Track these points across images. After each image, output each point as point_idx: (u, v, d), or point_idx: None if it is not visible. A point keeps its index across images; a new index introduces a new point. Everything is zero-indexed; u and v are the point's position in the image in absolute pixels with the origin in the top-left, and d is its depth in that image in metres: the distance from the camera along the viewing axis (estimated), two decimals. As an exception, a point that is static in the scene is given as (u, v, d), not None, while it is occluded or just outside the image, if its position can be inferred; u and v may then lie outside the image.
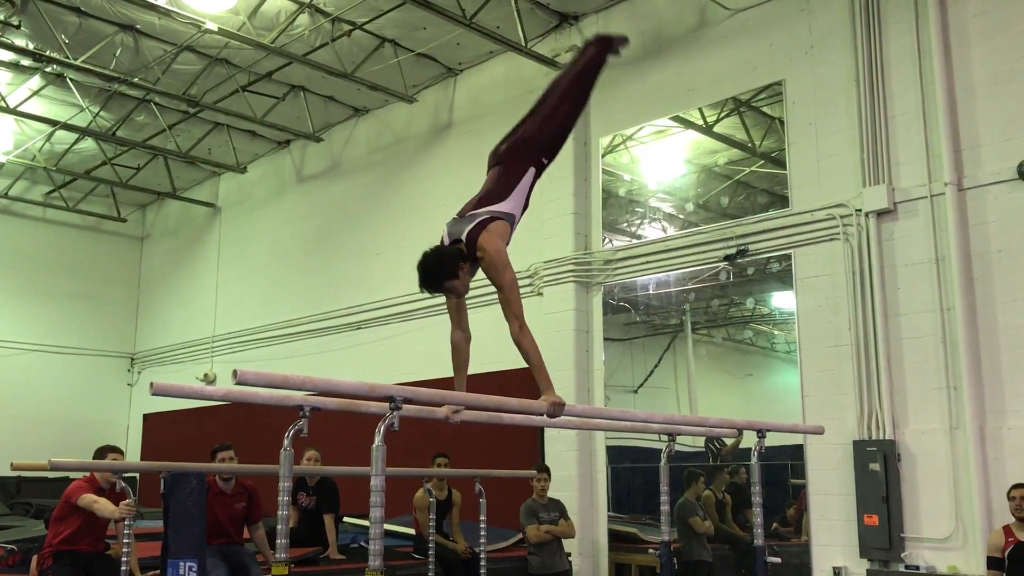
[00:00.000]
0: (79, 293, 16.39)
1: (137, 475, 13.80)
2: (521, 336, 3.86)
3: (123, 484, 5.64)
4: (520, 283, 10.45)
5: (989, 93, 7.23)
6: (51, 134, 13.25)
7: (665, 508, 5.00)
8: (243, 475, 6.96)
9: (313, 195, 13.74)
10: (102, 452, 6.10)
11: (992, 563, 6.30)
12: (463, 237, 3.99)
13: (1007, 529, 6.31)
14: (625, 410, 4.12)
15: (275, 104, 12.40)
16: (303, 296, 13.30)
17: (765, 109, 8.99)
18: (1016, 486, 6.31)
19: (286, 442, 3.42)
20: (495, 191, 4.16)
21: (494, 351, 9.77)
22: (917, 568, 7.01)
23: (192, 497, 5.07)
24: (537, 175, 4.34)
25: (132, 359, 16.91)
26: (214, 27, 9.78)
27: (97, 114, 12.61)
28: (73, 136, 13.42)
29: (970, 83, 7.33)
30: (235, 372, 2.79)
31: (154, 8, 9.46)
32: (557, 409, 3.83)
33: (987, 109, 7.22)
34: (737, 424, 4.96)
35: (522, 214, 4.27)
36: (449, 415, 3.89)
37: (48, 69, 11.56)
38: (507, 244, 4.06)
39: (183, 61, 11.23)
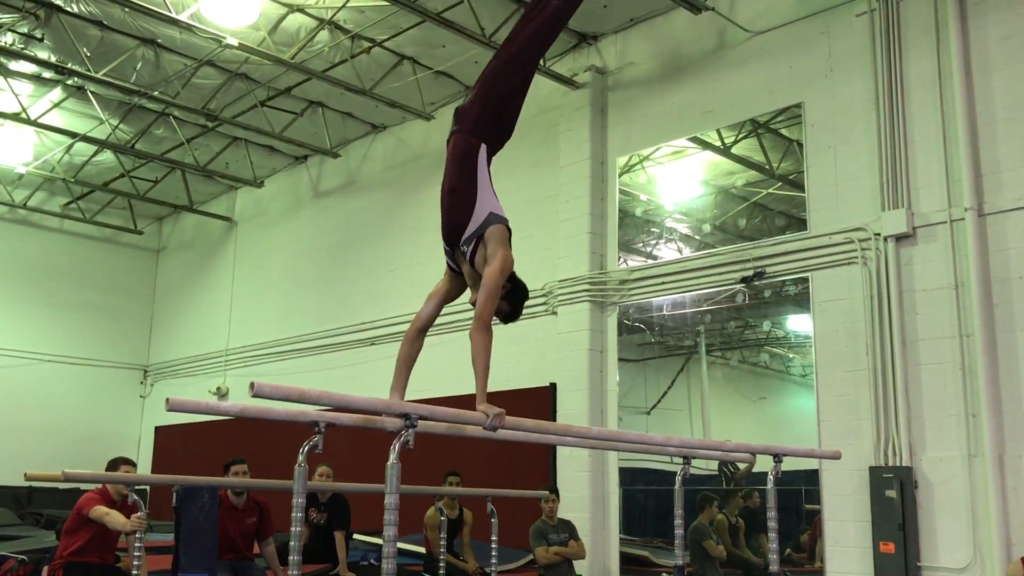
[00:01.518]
0: (94, 305, 16.47)
1: (148, 488, 13.80)
2: (479, 333, 3.62)
3: (135, 497, 5.62)
4: (534, 302, 10.54)
5: (1010, 119, 7.18)
6: (70, 146, 13.36)
7: (679, 531, 4.95)
8: (255, 490, 6.93)
9: (329, 211, 13.78)
10: (115, 464, 6.08)
11: (1011, 594, 6.21)
12: (474, 234, 3.81)
13: (1026, 560, 6.22)
14: (642, 433, 4.07)
15: (293, 120, 12.46)
16: (317, 311, 13.32)
17: (783, 131, 8.96)
18: (1036, 516, 6.22)
19: (300, 458, 3.39)
20: (464, 186, 3.89)
21: (506, 369, 9.80)
22: (934, 598, 6.92)
23: (204, 511, 5.05)
24: (489, 155, 4.02)
25: (145, 371, 16.95)
26: (235, 42, 9.85)
27: (116, 127, 12.70)
28: (92, 148, 13.53)
29: (991, 108, 7.29)
30: (252, 384, 2.76)
31: (176, 23, 9.53)
32: (496, 419, 3.48)
33: (1008, 135, 7.18)
34: (754, 448, 4.91)
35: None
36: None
37: (69, 82, 11.67)
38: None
39: (203, 75, 11.31)
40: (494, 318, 3.76)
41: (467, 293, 4.03)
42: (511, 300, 3.85)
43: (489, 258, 3.74)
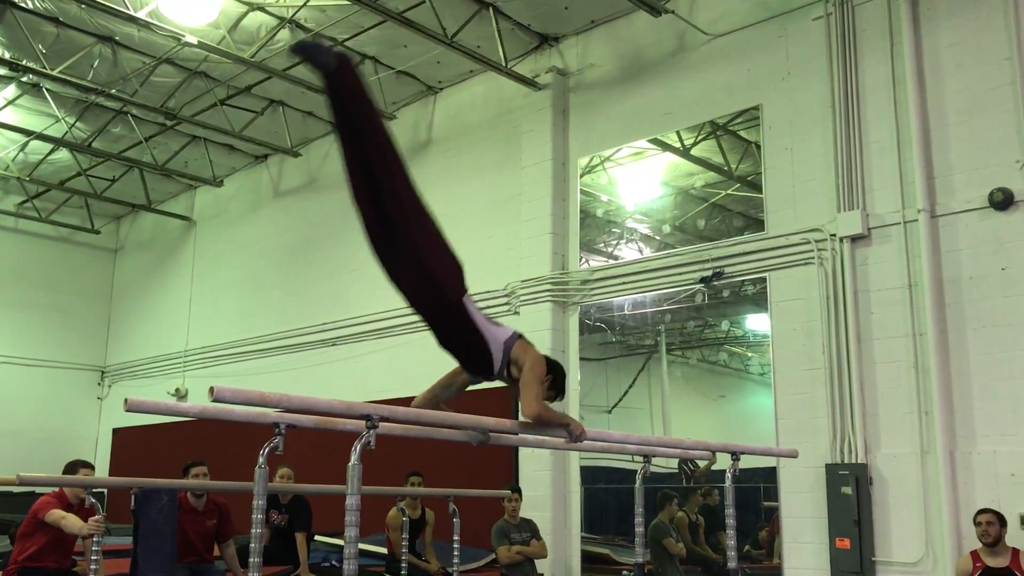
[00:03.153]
0: (50, 305, 16.20)
1: (105, 491, 13.62)
2: (538, 411, 3.85)
3: (92, 500, 5.55)
4: (497, 300, 10.54)
5: (962, 122, 7.35)
6: (25, 144, 13.15)
7: (640, 529, 5.00)
8: (215, 492, 6.88)
9: (290, 210, 13.69)
10: (73, 467, 6.00)
11: (961, 588, 6.35)
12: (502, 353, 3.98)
13: (975, 554, 6.35)
14: (602, 431, 4.12)
15: (253, 118, 12.37)
16: (277, 312, 13.23)
17: (742, 133, 9.08)
18: (981, 511, 6.36)
19: (261, 459, 3.38)
20: (473, 341, 4.00)
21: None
22: (888, 592, 7.05)
23: (163, 514, 5.02)
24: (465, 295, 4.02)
25: (103, 373, 16.72)
26: (194, 40, 9.75)
27: (73, 125, 12.53)
28: (48, 146, 13.32)
29: (943, 112, 7.45)
30: (212, 389, 2.76)
31: (134, 20, 9.41)
32: (580, 436, 4.03)
33: (959, 137, 7.34)
34: (712, 446, 4.98)
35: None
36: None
37: (24, 79, 11.46)
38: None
39: (161, 74, 11.19)
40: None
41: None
42: (557, 386, 4.11)
43: (522, 365, 3.92)
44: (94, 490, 5.69)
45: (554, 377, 4.06)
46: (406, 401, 4.18)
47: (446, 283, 3.93)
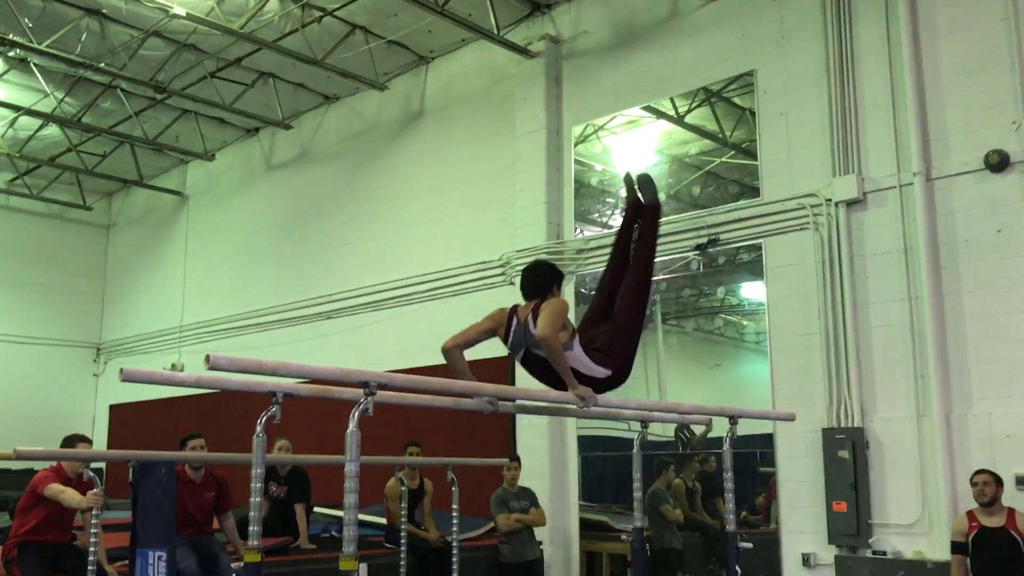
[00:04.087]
0: (43, 282, 16.14)
1: (104, 465, 13.64)
2: (546, 342, 4.00)
3: (91, 474, 5.55)
4: (491, 271, 10.51)
5: (957, 84, 7.30)
6: (14, 120, 13.03)
7: (638, 495, 5.02)
8: (213, 464, 6.89)
9: (283, 183, 13.62)
10: (70, 441, 6.00)
11: (956, 548, 6.38)
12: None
13: (970, 514, 6.39)
14: (600, 397, 4.13)
15: (244, 91, 12.26)
16: (272, 285, 13.20)
17: (736, 100, 9.02)
18: (978, 472, 6.39)
19: (259, 428, 3.38)
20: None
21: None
22: (884, 553, 7.10)
23: (161, 486, 5.02)
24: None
25: (98, 349, 16.70)
26: (182, 12, 9.64)
27: (62, 100, 12.41)
28: (37, 122, 13.20)
29: (938, 74, 7.40)
30: (208, 357, 2.75)
31: (121, -8, 9.32)
32: (590, 400, 4.09)
33: (955, 100, 7.30)
34: (710, 410, 4.99)
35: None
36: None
37: (11, 53, 11.33)
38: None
39: (150, 47, 11.07)
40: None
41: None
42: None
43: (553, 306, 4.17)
44: (92, 465, 5.69)
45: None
46: (403, 372, 4.17)
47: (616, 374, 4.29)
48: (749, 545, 5.17)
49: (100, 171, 14.98)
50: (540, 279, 4.40)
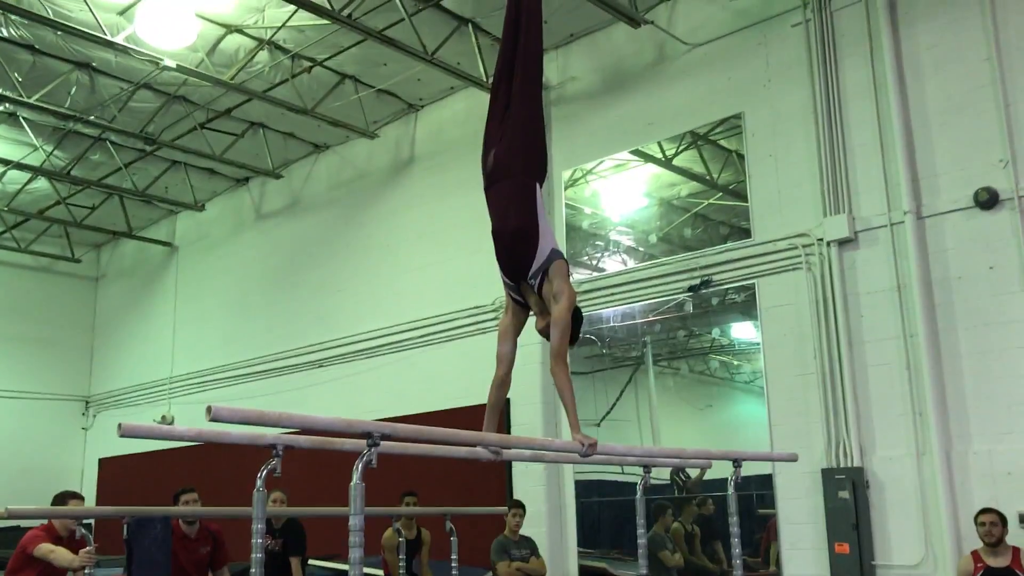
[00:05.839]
0: (31, 336, 15.99)
1: (92, 522, 13.42)
2: (560, 369, 3.97)
3: (83, 531, 5.44)
4: (485, 316, 10.48)
5: (944, 123, 7.38)
6: (3, 174, 13.00)
7: (642, 541, 4.95)
8: (207, 519, 6.78)
9: (273, 232, 13.61)
10: (63, 498, 5.89)
11: (963, 588, 6.32)
12: (539, 271, 4.09)
13: (976, 555, 6.33)
14: (604, 444, 4.08)
15: (234, 141, 12.29)
16: (263, 335, 13.11)
17: (722, 142, 9.10)
18: (983, 511, 6.35)
19: (259, 482, 3.32)
20: (530, 225, 4.12)
21: (460, 387, 9.75)
22: (889, 595, 7.02)
23: (157, 543, 4.92)
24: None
25: (87, 402, 16.51)
26: (172, 64, 9.69)
27: (51, 153, 12.40)
28: (26, 175, 13.17)
29: (925, 114, 7.48)
30: (209, 408, 2.70)
31: (111, 46, 9.34)
32: (591, 449, 3.95)
33: (942, 138, 7.37)
34: (714, 455, 4.95)
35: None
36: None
37: (1, 108, 11.35)
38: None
39: (140, 99, 11.11)
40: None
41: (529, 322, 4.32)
42: (574, 329, 4.11)
43: (556, 295, 4.02)
44: (83, 521, 5.58)
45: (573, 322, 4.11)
46: (398, 420, 4.13)
47: (536, 161, 4.29)
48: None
49: (89, 223, 14.93)
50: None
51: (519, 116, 4.29)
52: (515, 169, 4.20)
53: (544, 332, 4.07)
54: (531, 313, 4.24)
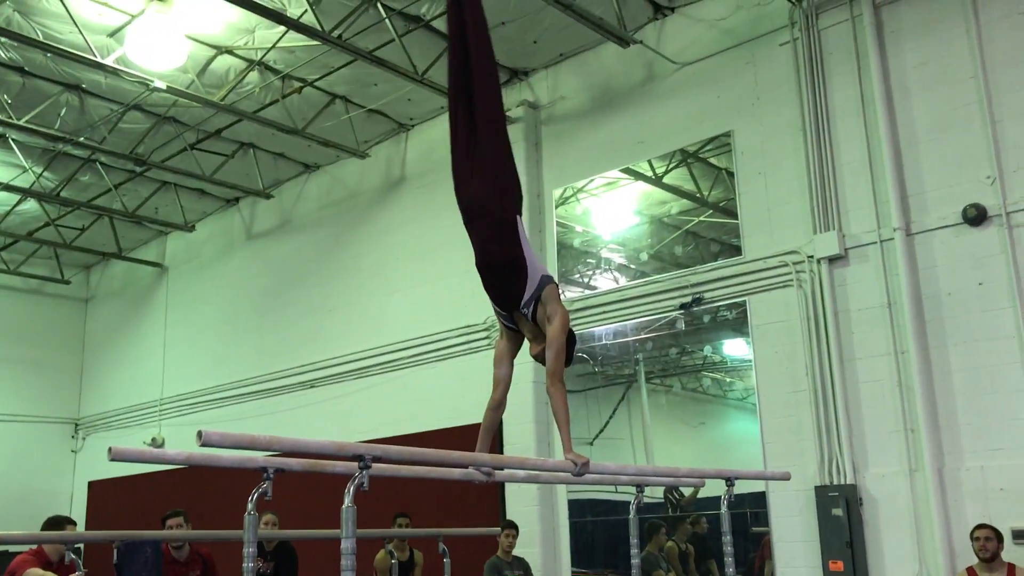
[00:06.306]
0: (20, 358, 15.87)
1: (82, 546, 13.32)
2: (556, 389, 4.02)
3: (72, 556, 5.40)
4: (477, 335, 10.47)
5: (931, 140, 7.43)
6: (-8, 196, 12.97)
7: (636, 561, 4.93)
8: (198, 542, 6.73)
9: (263, 252, 13.58)
10: (59, 523, 5.85)
11: (957, 605, 6.31)
12: (532, 296, 4.10)
13: (971, 571, 6.33)
14: (597, 463, 4.08)
15: (224, 161, 12.28)
16: (254, 355, 13.06)
17: (712, 160, 9.14)
18: (978, 527, 6.35)
19: (250, 505, 3.30)
20: (516, 258, 4.13)
21: (452, 407, 9.73)
22: (884, 613, 6.99)
23: (147, 567, 4.88)
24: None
25: (76, 425, 16.39)
26: (162, 85, 9.70)
27: (40, 175, 12.37)
28: (15, 197, 13.12)
29: (913, 131, 7.53)
30: (200, 433, 2.68)
31: (101, 67, 9.33)
32: (584, 468, 3.98)
33: (930, 156, 7.42)
34: (707, 473, 4.94)
35: None
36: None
37: (-10, 130, 11.34)
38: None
39: (130, 120, 11.10)
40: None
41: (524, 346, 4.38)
42: (568, 351, 4.14)
43: (550, 317, 4.06)
44: (73, 546, 5.54)
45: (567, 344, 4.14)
46: (389, 441, 4.12)
47: (511, 195, 4.25)
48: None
49: (78, 244, 14.87)
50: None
51: (488, 151, 4.24)
52: (492, 207, 4.19)
53: (539, 357, 4.11)
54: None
